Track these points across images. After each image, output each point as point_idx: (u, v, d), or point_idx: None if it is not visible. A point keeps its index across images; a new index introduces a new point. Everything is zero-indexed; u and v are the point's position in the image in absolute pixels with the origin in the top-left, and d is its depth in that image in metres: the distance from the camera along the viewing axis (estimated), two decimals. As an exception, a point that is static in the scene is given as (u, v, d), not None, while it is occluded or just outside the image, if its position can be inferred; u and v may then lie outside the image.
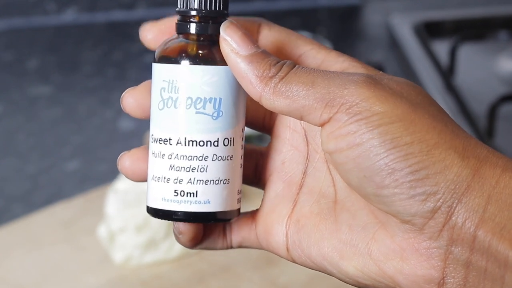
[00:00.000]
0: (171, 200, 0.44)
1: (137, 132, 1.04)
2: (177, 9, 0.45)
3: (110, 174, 0.95)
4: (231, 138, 0.44)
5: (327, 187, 0.45)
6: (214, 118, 0.44)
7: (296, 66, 0.43)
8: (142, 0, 1.29)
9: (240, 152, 0.45)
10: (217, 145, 0.44)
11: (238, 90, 0.44)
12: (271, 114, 0.47)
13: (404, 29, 1.22)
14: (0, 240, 0.83)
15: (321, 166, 0.45)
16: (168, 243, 0.79)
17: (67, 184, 0.96)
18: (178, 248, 0.79)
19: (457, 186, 0.41)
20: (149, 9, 1.29)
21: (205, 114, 0.43)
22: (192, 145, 0.43)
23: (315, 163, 0.45)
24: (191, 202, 0.43)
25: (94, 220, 0.83)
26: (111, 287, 0.78)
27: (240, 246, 0.47)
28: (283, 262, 0.78)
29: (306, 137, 0.46)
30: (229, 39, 0.44)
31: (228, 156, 0.44)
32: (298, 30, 1.15)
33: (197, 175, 0.44)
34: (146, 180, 0.46)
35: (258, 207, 0.47)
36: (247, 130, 0.47)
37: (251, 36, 0.44)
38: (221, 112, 0.44)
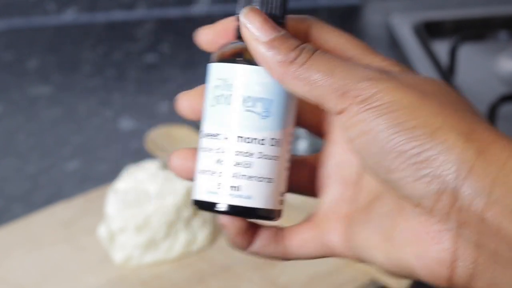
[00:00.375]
0: (214, 193, 0.46)
1: (137, 132, 1.04)
2: (237, 13, 0.46)
3: (110, 174, 0.95)
4: (278, 139, 0.46)
5: (369, 181, 0.46)
6: (263, 117, 0.45)
7: (317, 52, 0.44)
8: (142, 0, 1.29)
9: (286, 155, 0.46)
10: (264, 144, 0.45)
11: (289, 94, 0.46)
12: (329, 120, 0.48)
13: (404, 29, 1.22)
14: (0, 240, 0.83)
15: None
16: (168, 243, 0.79)
17: (67, 184, 0.96)
18: (178, 248, 0.80)
19: (460, 168, 0.41)
20: (149, 9, 1.29)
21: (254, 112, 0.45)
22: (239, 141, 0.45)
23: None
24: (233, 196, 0.45)
25: (94, 220, 0.83)
26: (111, 287, 0.77)
27: (295, 256, 0.48)
28: (283, 262, 0.78)
29: None
30: (250, 25, 0.45)
31: (274, 156, 0.46)
32: None
33: (242, 170, 0.45)
34: (192, 179, 0.47)
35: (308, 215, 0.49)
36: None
37: (271, 20, 0.45)
38: (270, 113, 0.45)
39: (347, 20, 1.30)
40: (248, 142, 0.45)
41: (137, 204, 0.78)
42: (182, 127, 0.96)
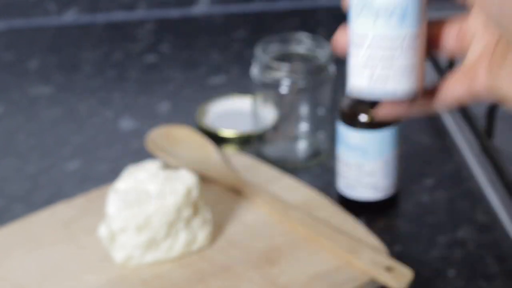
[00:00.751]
0: (369, 81, 0.57)
1: (138, 132, 1.05)
2: None
3: (110, 174, 0.96)
4: (416, 35, 0.57)
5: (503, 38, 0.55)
6: (401, 19, 0.56)
7: None
8: (143, 1, 1.29)
9: (423, 43, 0.57)
10: (405, 40, 0.56)
11: None
12: None
13: None
14: (0, 240, 0.83)
15: None
16: (169, 243, 0.79)
17: (67, 184, 0.96)
18: (178, 248, 0.80)
19: None
20: (149, 10, 1.30)
21: (395, 15, 0.56)
22: (384, 39, 0.57)
23: None
24: (385, 83, 0.57)
25: (95, 220, 0.83)
26: (111, 287, 0.77)
27: (446, 101, 0.59)
28: (283, 262, 0.78)
29: None
30: None
31: (415, 47, 0.57)
32: (297, 30, 1.13)
33: (389, 62, 0.57)
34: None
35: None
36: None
37: None
38: (407, 15, 0.56)
39: (346, 20, 1.30)
40: (393, 39, 0.57)
41: (137, 204, 0.78)
42: (182, 127, 0.96)
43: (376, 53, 0.57)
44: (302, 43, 0.98)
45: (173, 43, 1.24)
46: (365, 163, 0.87)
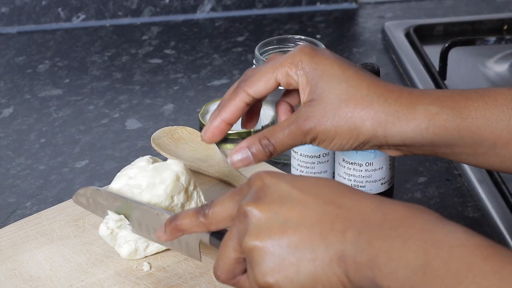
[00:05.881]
0: None
1: (143, 132, 1.05)
2: None
3: (117, 171, 0.94)
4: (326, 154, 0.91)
5: None
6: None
7: None
8: (148, 9, 1.29)
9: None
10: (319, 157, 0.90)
11: None
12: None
13: (398, 34, 1.22)
14: (13, 234, 0.84)
15: None
16: None
17: (76, 181, 0.97)
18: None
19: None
20: (153, 16, 1.29)
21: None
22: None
23: None
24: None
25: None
26: (117, 279, 0.78)
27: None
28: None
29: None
30: None
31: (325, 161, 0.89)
32: (295, 34, 1.13)
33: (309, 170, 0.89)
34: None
35: None
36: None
37: None
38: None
39: (343, 24, 1.29)
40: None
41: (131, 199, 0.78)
42: (185, 127, 0.96)
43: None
44: (299, 43, 0.99)
45: (177, 46, 1.23)
46: (361, 160, 0.88)
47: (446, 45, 1.13)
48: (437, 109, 0.68)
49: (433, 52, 1.17)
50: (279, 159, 0.99)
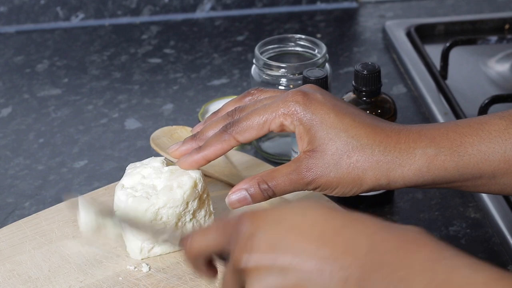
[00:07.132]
0: None
1: (142, 132, 1.05)
2: None
3: (116, 171, 0.97)
4: None
5: None
6: None
7: None
8: (147, 7, 1.29)
9: None
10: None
11: None
12: None
13: (399, 33, 1.22)
14: (12, 235, 0.84)
15: None
16: (177, 235, 0.77)
17: (75, 181, 0.97)
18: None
19: None
20: (153, 16, 1.29)
21: None
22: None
23: None
24: None
25: (101, 216, 0.83)
26: (116, 280, 0.78)
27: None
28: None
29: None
30: None
31: None
32: (296, 33, 1.13)
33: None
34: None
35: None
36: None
37: None
38: None
39: (344, 24, 1.30)
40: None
41: (146, 199, 0.78)
42: (185, 127, 0.96)
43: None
44: (299, 43, 0.99)
45: (177, 46, 1.23)
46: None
47: (447, 44, 1.14)
48: (435, 150, 0.71)
49: (434, 52, 1.17)
50: (280, 159, 0.99)
